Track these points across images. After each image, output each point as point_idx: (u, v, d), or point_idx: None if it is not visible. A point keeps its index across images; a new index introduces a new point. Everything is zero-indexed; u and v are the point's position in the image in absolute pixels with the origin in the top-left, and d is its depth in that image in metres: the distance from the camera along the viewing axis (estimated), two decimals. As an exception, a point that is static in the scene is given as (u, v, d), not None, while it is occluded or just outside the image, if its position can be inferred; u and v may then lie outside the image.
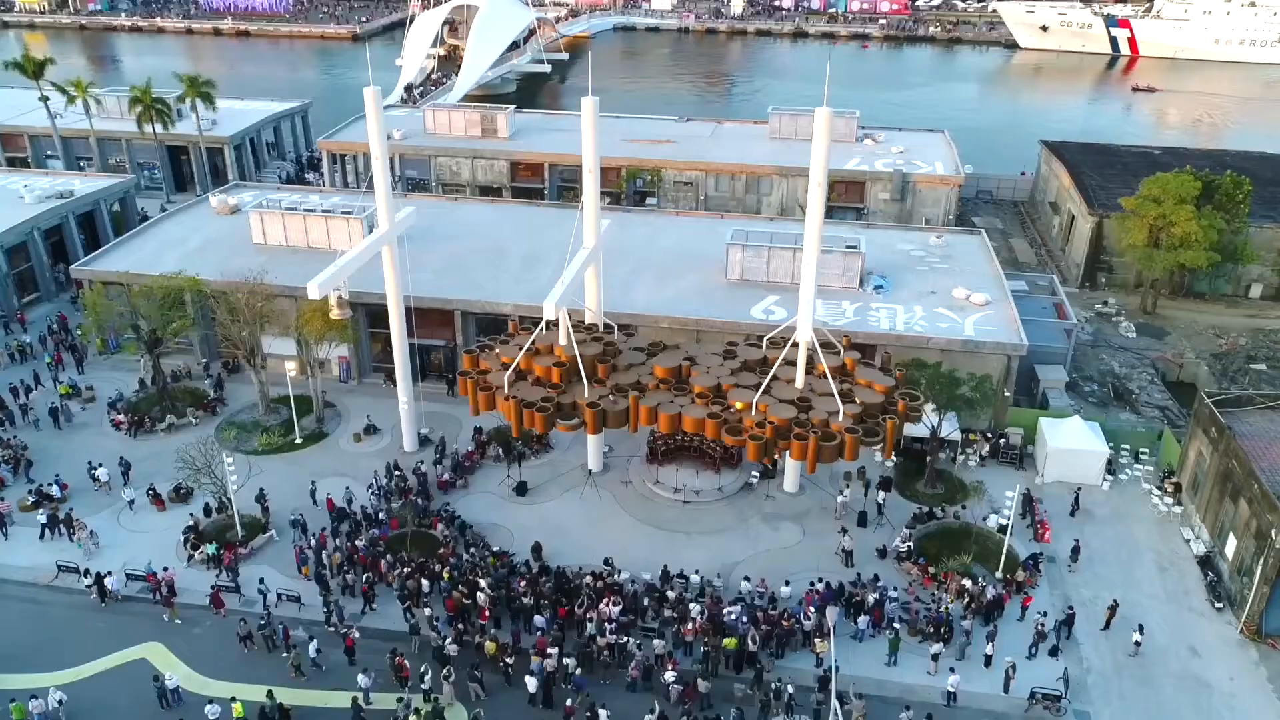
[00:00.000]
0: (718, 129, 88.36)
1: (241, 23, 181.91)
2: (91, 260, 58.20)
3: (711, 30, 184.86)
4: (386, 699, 35.41)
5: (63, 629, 38.82)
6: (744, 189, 78.71)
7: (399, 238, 59.25)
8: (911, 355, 48.76)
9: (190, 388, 55.10)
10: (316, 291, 39.94)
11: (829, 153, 41.09)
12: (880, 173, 76.24)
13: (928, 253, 60.13)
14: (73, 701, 35.02)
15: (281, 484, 47.16)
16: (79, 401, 53.92)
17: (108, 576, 40.39)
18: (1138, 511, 46.20)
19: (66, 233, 67.52)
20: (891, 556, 42.63)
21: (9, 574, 41.65)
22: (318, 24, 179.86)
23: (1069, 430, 48.00)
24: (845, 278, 54.62)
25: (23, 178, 72.82)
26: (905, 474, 48.43)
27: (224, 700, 34.52)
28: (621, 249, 60.55)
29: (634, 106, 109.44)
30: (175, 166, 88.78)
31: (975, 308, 52.68)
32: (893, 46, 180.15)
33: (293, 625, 38.72)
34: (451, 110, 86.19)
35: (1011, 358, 49.39)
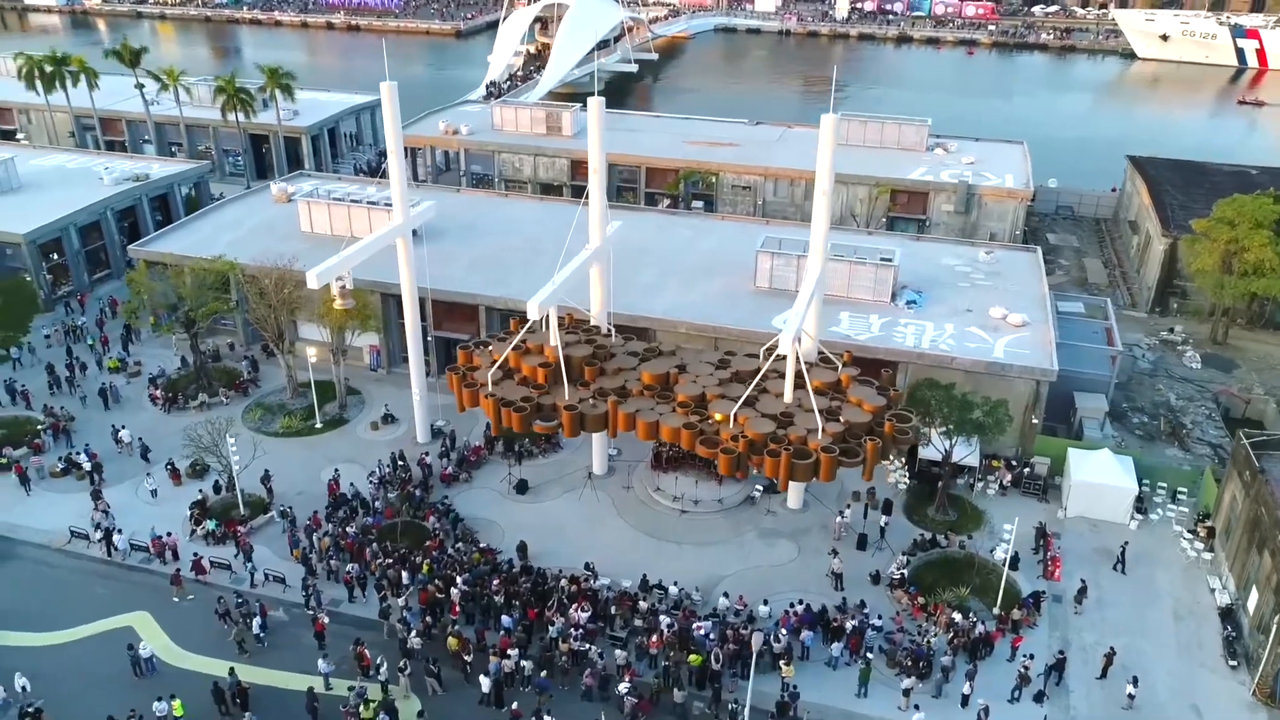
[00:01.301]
0: (785, 133, 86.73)
1: (353, 18, 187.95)
2: (149, 241, 60.91)
3: (813, 33, 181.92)
4: (346, 685, 35.86)
5: (64, 592, 40.65)
6: (802, 195, 76.95)
7: (423, 231, 60.78)
8: (934, 374, 46.87)
9: (227, 368, 57.06)
10: (315, 281, 40.69)
11: (833, 160, 39.52)
12: (945, 184, 73.57)
13: (974, 269, 57.62)
14: (56, 663, 36.73)
15: (295, 467, 48.37)
16: (125, 375, 56.52)
17: (117, 533, 42.37)
18: (1164, 555, 43.22)
19: (140, 214, 70.80)
20: (884, 583, 41.00)
21: (27, 535, 43.86)
22: (424, 20, 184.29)
23: (1097, 463, 45.27)
24: (876, 291, 52.81)
25: (106, 160, 76.82)
26: (918, 497, 46.56)
27: (204, 674, 35.66)
28: (656, 251, 60.20)
29: (721, 109, 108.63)
30: (257, 154, 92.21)
31: (1010, 328, 50.22)
32: (1002, 53, 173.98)
33: (274, 605, 39.75)
34: (518, 107, 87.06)
35: (1041, 383, 46.87)
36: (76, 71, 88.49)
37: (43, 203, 67.18)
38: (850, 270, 52.95)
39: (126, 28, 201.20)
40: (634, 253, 59.70)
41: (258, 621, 37.45)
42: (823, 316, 50.32)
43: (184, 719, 33.36)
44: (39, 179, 71.96)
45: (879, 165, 76.20)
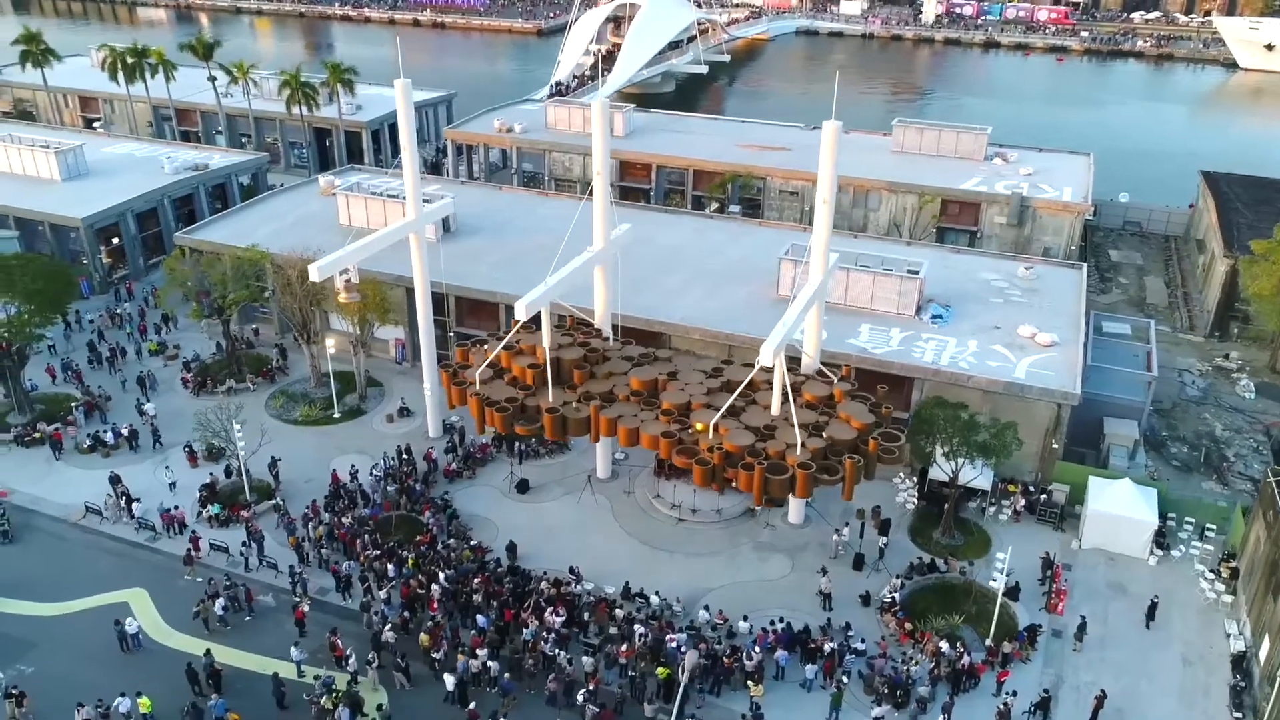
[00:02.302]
0: (843, 138, 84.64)
1: (439, 15, 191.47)
2: (195, 229, 62.88)
3: (897, 37, 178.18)
4: (326, 673, 36.31)
5: (71, 564, 42.19)
6: (850, 203, 75.32)
7: (456, 227, 61.35)
8: (949, 393, 45.32)
9: (258, 355, 58.54)
10: (316, 274, 41.37)
11: (835, 169, 38.39)
12: (998, 195, 71.06)
13: (1011, 284, 55.47)
14: (52, 634, 38.16)
15: (308, 455, 49.31)
16: (163, 358, 58.50)
17: (136, 502, 44.18)
18: (1181, 594, 40.85)
19: (197, 202, 73.20)
20: (875, 605, 39.75)
21: (46, 508, 45.67)
22: (507, 18, 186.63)
23: (1116, 493, 43.09)
24: (901, 304, 51.24)
25: (171, 149, 79.63)
26: (925, 519, 45.03)
27: (187, 652, 36.64)
28: (685, 255, 59.64)
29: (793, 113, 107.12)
30: (321, 147, 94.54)
31: (1038, 348, 48.17)
32: (1095, 61, 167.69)
33: (263, 590, 40.57)
34: (571, 106, 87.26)
35: (1062, 406, 44.81)
36: (155, 64, 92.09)
37: (106, 189, 70.01)
38: (874, 281, 51.52)
39: (226, 22, 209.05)
40: (663, 255, 59.49)
41: (220, 603, 38.27)
42: (841, 328, 49.72)
43: (152, 716, 33.86)
44: (107, 166, 74.97)
45: (931, 174, 74.09)
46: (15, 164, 72.57)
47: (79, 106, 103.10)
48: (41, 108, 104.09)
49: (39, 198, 68.28)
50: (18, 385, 51.25)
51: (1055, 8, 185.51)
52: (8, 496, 46.36)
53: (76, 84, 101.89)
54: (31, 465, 48.72)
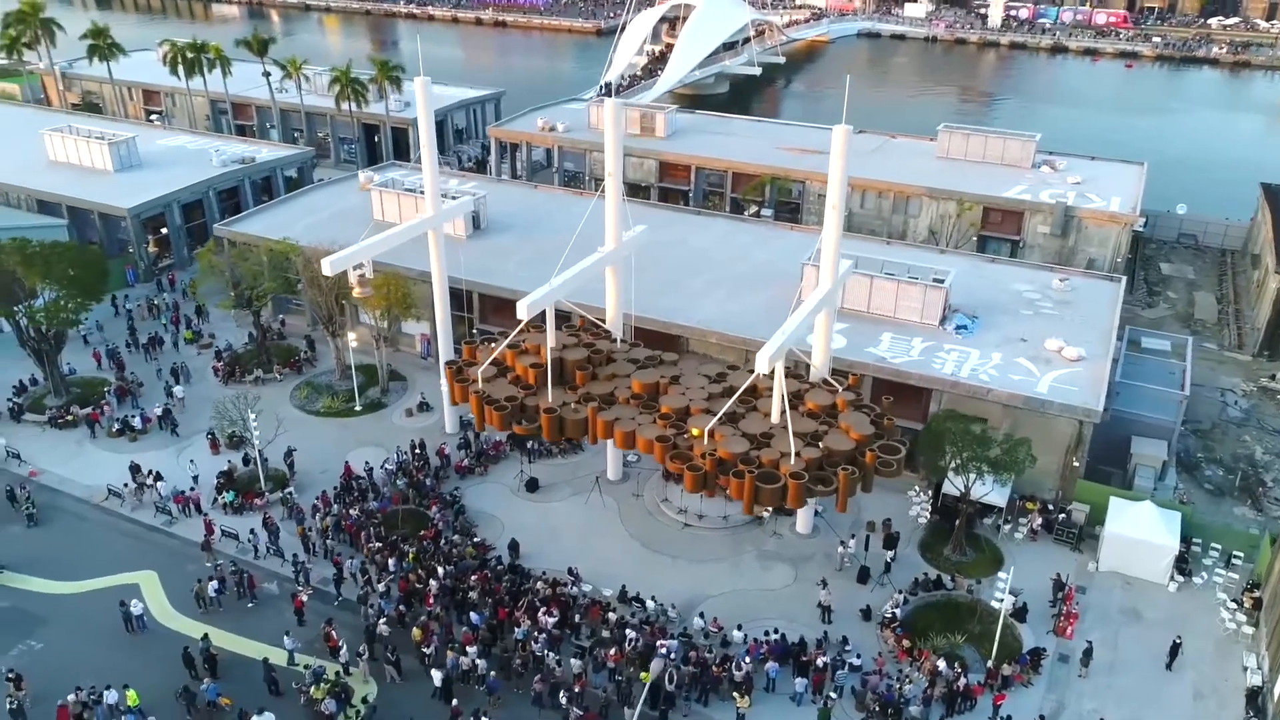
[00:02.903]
0: (887, 143, 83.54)
1: (500, 14, 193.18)
2: (234, 221, 64.28)
3: (961, 40, 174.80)
4: (317, 662, 36.79)
5: (89, 544, 43.38)
6: (890, 209, 74.09)
7: (487, 225, 61.63)
8: (966, 406, 44.32)
9: (287, 346, 59.59)
10: (329, 268, 41.92)
11: (845, 173, 37.95)
12: (1042, 203, 69.17)
13: (1043, 296, 53.97)
14: (61, 612, 39.30)
15: (326, 446, 50.01)
16: (197, 347, 59.91)
17: (161, 481, 45.62)
18: (1199, 623, 39.28)
19: (242, 195, 74.76)
20: (876, 620, 38.95)
21: (71, 489, 47.05)
22: (567, 18, 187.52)
23: (1137, 516, 41.61)
24: (925, 313, 50.16)
25: (220, 142, 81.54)
26: (937, 534, 44.02)
27: (189, 636, 37.44)
28: (712, 258, 59.18)
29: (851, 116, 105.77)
30: (370, 143, 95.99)
31: (1064, 363, 46.75)
32: (1167, 67, 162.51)
33: (268, 578, 41.26)
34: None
35: (1084, 424, 43.42)
36: (213, 59, 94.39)
37: (155, 180, 71.91)
38: (898, 290, 50.53)
39: (296, 19, 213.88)
40: (690, 257, 59.15)
41: (213, 585, 39.05)
42: (862, 336, 48.88)
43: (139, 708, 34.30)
44: (159, 158, 76.99)
45: (974, 181, 72.44)
46: (72, 154, 74.96)
47: (142, 99, 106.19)
48: (108, 100, 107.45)
49: (91, 187, 70.44)
50: (54, 369, 52.87)
51: (1114, 11, 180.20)
52: (38, 476, 47.90)
53: (141, 78, 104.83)
54: (63, 447, 50.24)
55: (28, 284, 49.42)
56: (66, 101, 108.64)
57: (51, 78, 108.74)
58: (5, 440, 49.60)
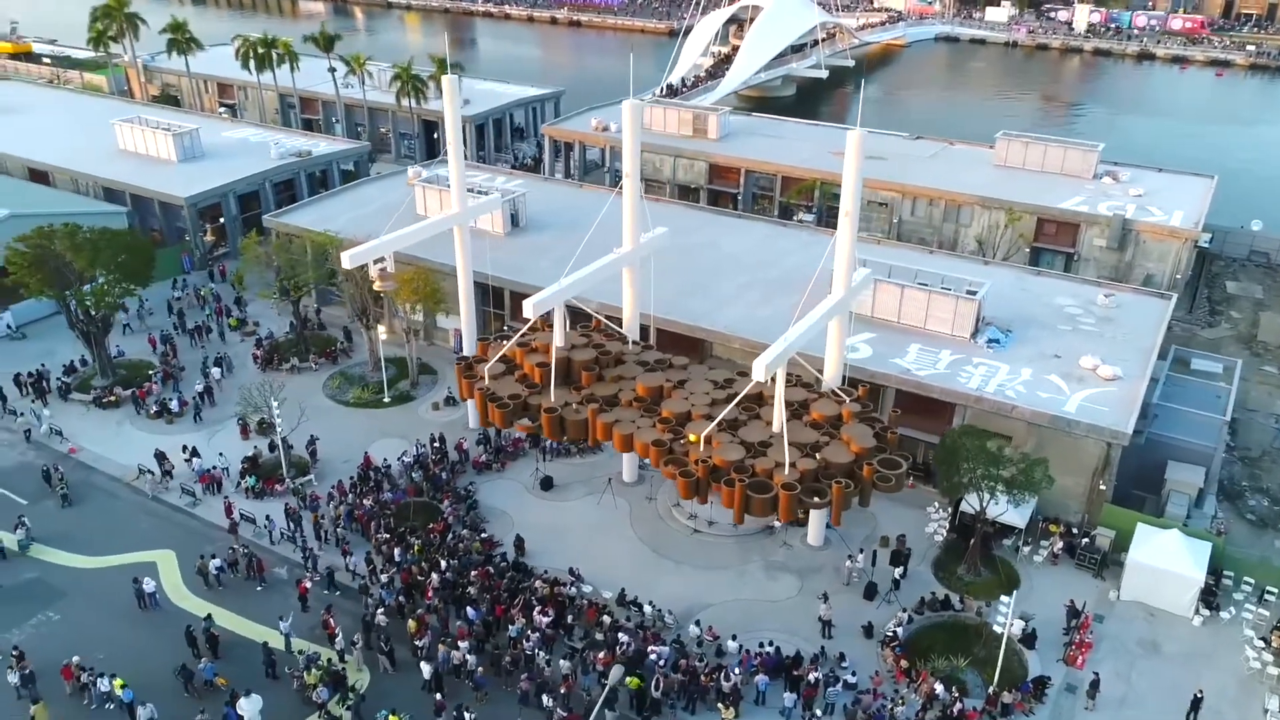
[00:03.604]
0: (945, 150, 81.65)
1: (575, 14, 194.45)
2: (283, 213, 65.92)
3: (1042, 46, 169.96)
4: (314, 648, 37.44)
5: (115, 521, 44.83)
6: (941, 217, 72.38)
7: (526, 222, 61.97)
8: (990, 422, 43.10)
9: (326, 336, 60.81)
10: (348, 261, 42.62)
11: (859, 179, 37.01)
12: (1098, 216, 66.81)
13: (1085, 311, 52.10)
14: (80, 586, 40.74)
15: (352, 436, 50.85)
16: (241, 334, 61.55)
17: (195, 457, 47.32)
18: (1222, 660, 37.45)
19: (297, 187, 76.63)
20: (878, 638, 38.05)
21: (106, 467, 48.70)
22: (641, 18, 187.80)
23: (1162, 544, 39.86)
24: (956, 325, 48.82)
25: (280, 135, 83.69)
26: (953, 552, 42.79)
27: (199, 615, 38.50)
28: (745, 262, 58.57)
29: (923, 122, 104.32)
30: (429, 139, 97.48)
31: (1097, 381, 45.04)
32: (1265, 76, 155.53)
33: (279, 562, 42.16)
34: (668, 107, 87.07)
35: (1112, 446, 41.76)
36: (282, 54, 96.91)
37: (215, 171, 74.15)
38: (929, 300, 49.29)
39: (379, 17, 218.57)
40: (723, 261, 58.67)
41: (216, 562, 40.23)
42: (888, 346, 47.85)
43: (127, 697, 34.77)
44: (221, 149, 79.31)
45: (1030, 191, 70.34)
46: (139, 144, 77.71)
47: (217, 93, 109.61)
48: (185, 93, 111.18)
49: (154, 176, 72.89)
50: (102, 350, 54.80)
51: (1191, 17, 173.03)
52: (77, 453, 49.73)
53: (216, 71, 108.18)
54: (104, 426, 52.05)
55: (77, 268, 51.25)
56: (147, 93, 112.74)
57: (134, 70, 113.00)
58: (50, 417, 51.66)
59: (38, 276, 50.85)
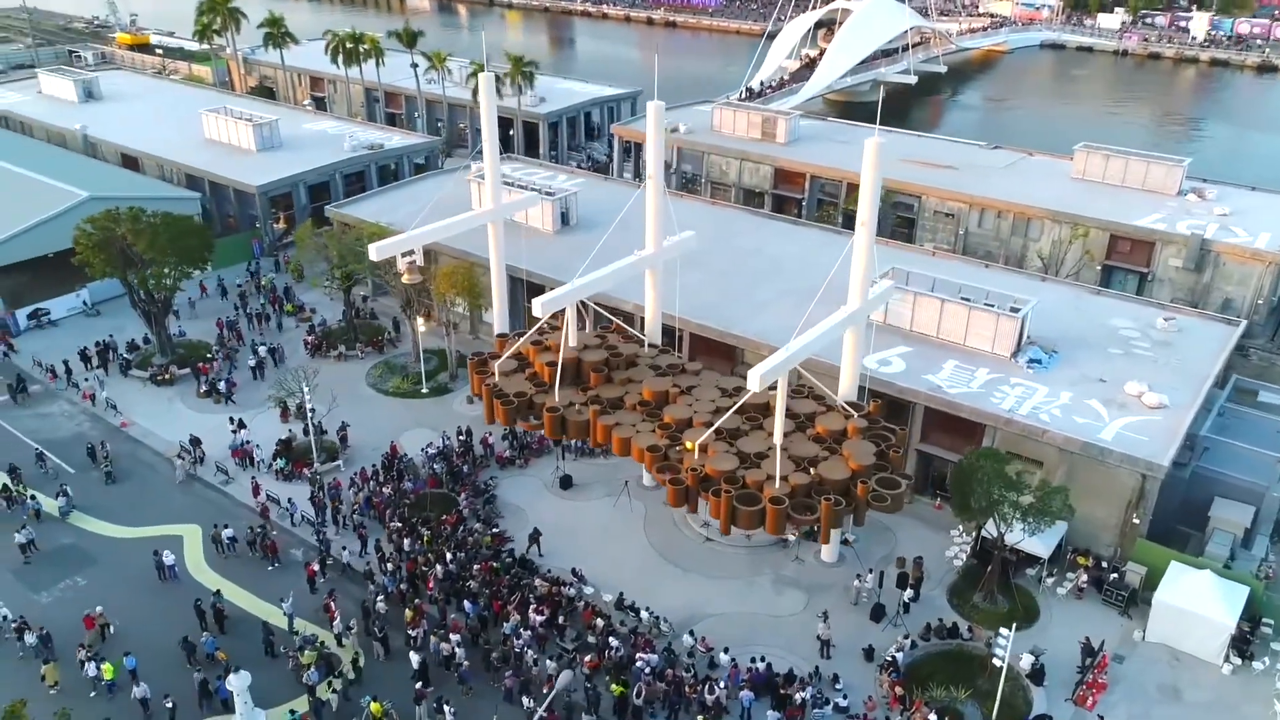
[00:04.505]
0: (1022, 161, 78.69)
1: (671, 14, 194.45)
2: (344, 204, 67.73)
3: (1155, 55, 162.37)
4: (314, 630, 38.33)
5: (152, 495, 46.72)
6: (1009, 230, 69.79)
7: (577, 221, 62.09)
8: (1021, 446, 41.45)
9: (375, 325, 62.17)
10: (375, 253, 43.43)
11: (877, 189, 35.88)
12: (1175, 234, 63.38)
13: (1142, 335, 49.51)
14: (109, 554, 42.58)
15: (386, 425, 51.82)
16: (298, 319, 63.44)
17: (242, 428, 49.52)
18: (1248, 713, 35.09)
19: (368, 179, 78.55)
20: (878, 662, 36.89)
21: (153, 441, 50.80)
22: (736, 19, 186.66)
23: (1194, 585, 37.57)
24: (996, 343, 46.99)
25: (355, 128, 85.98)
26: (971, 579, 41.17)
27: (209, 591, 39.91)
28: (787, 269, 57.54)
29: (1019, 132, 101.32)
30: (505, 136, 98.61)
31: (1141, 409, 42.75)
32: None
33: (297, 545, 43.29)
34: (737, 109, 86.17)
35: (1148, 478, 39.56)
36: (369, 49, 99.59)
37: (289, 161, 76.64)
38: (969, 316, 47.58)
39: (481, 14, 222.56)
40: (765, 267, 57.80)
41: (228, 533, 41.83)
42: (923, 361, 46.44)
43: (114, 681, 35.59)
44: (299, 140, 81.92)
45: (1105, 205, 67.19)
46: (223, 133, 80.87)
47: (309, 85, 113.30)
48: (280, 85, 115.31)
49: (231, 165, 75.79)
50: (162, 330, 57.19)
51: None
52: (128, 427, 52.04)
53: (309, 65, 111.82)
54: (157, 402, 54.34)
55: (138, 250, 53.54)
56: (246, 85, 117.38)
57: (235, 63, 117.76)
58: (109, 392, 54.19)
59: (101, 257, 53.30)
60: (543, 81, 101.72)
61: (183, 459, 47.87)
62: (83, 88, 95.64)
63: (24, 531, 42.18)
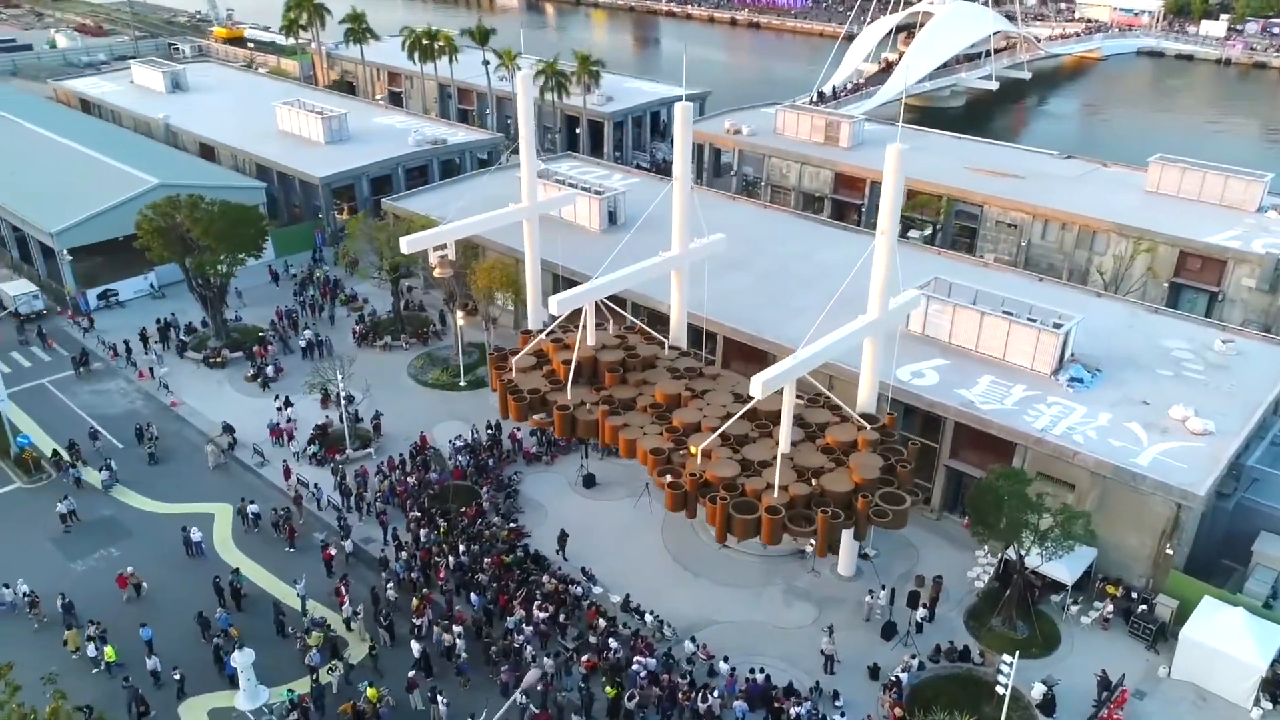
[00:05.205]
0: (1094, 172, 75.83)
1: (755, 15, 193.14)
2: (400, 198, 69.02)
3: (1260, 64, 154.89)
4: (326, 612, 39.17)
5: (190, 472, 48.36)
6: (1074, 243, 67.34)
7: (627, 220, 62.01)
8: (1051, 467, 40.03)
9: (426, 317, 63.21)
10: (406, 247, 44.10)
11: (898, 197, 35.01)
12: (1249, 253, 60.29)
13: (1196, 357, 47.26)
14: (144, 527, 44.21)
15: (421, 415, 52.65)
16: (349, 309, 64.90)
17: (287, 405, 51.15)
18: (1274, 761, 33.25)
19: (429, 173, 79.94)
20: (883, 680, 36.00)
21: (198, 421, 52.58)
22: (819, 22, 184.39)
23: (1224, 622, 35.71)
24: (1036, 359, 45.40)
25: (422, 123, 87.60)
26: (992, 601, 39.85)
27: (228, 567, 41.25)
28: (832, 275, 56.04)
29: (1105, 144, 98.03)
30: (571, 134, 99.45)
31: (1185, 435, 40.81)
32: None
33: (321, 528, 44.30)
34: (801, 112, 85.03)
35: (1183, 507, 37.74)
36: (443, 46, 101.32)
37: (355, 153, 78.50)
38: (1009, 330, 46.07)
39: (568, 14, 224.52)
40: (808, 272, 56.95)
41: (253, 508, 43.44)
42: (957, 375, 45.19)
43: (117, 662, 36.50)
44: (367, 134, 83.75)
45: (1175, 221, 64.31)
46: (295, 126, 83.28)
47: (387, 81, 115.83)
48: (360, 80, 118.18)
49: (298, 156, 77.98)
50: (217, 314, 59.14)
51: None
52: (178, 406, 53.97)
53: (388, 60, 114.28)
54: (207, 384, 56.23)
55: (194, 237, 55.44)
56: (328, 79, 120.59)
57: (319, 57, 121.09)
58: (167, 368, 56.43)
59: (160, 242, 55.34)
60: (612, 80, 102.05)
61: (214, 445, 49.20)
62: (170, 79, 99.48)
63: (65, 502, 44.08)
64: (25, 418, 52.28)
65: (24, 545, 42.93)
